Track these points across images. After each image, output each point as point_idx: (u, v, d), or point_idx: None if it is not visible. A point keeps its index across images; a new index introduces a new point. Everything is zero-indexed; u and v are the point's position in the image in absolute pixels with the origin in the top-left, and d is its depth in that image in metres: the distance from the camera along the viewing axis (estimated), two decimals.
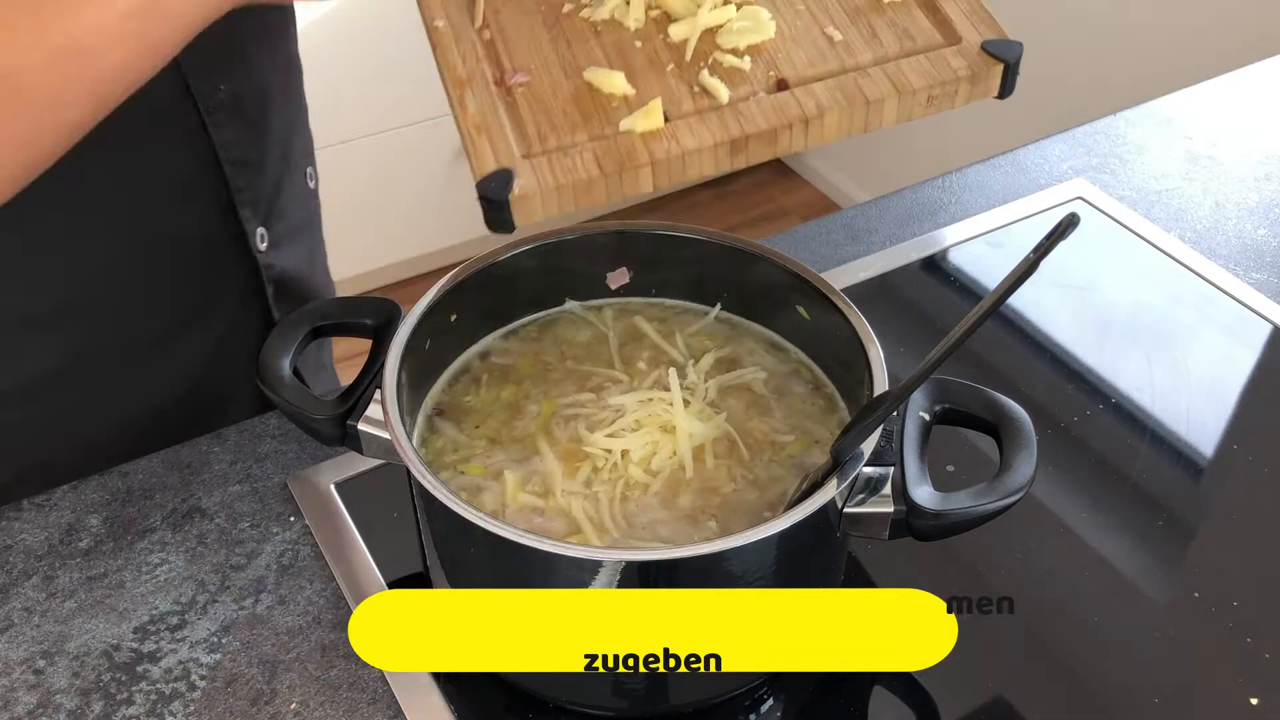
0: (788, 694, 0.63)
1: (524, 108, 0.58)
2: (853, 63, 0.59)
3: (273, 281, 0.81)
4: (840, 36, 0.60)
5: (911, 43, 0.60)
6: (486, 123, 0.57)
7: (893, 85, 0.58)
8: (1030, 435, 0.57)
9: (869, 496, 0.56)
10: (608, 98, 0.58)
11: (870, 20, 0.61)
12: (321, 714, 0.61)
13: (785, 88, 0.58)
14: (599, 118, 0.57)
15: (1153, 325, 0.85)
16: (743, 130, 0.56)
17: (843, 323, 0.63)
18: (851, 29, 0.61)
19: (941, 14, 0.61)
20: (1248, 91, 1.10)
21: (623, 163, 0.55)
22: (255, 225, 0.78)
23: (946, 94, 0.59)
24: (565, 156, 0.55)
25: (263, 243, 0.79)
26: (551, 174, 0.55)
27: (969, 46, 0.59)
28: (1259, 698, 0.61)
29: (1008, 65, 0.59)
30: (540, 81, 0.59)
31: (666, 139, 0.56)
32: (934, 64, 0.59)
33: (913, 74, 0.58)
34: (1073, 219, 0.44)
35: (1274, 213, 0.95)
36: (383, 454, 0.60)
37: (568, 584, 0.54)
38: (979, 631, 0.65)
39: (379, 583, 0.67)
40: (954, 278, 0.90)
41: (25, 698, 0.62)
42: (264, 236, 0.79)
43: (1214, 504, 0.73)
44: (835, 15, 0.61)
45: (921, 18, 0.61)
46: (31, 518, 0.71)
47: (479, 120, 0.57)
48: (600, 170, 0.55)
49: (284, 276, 0.82)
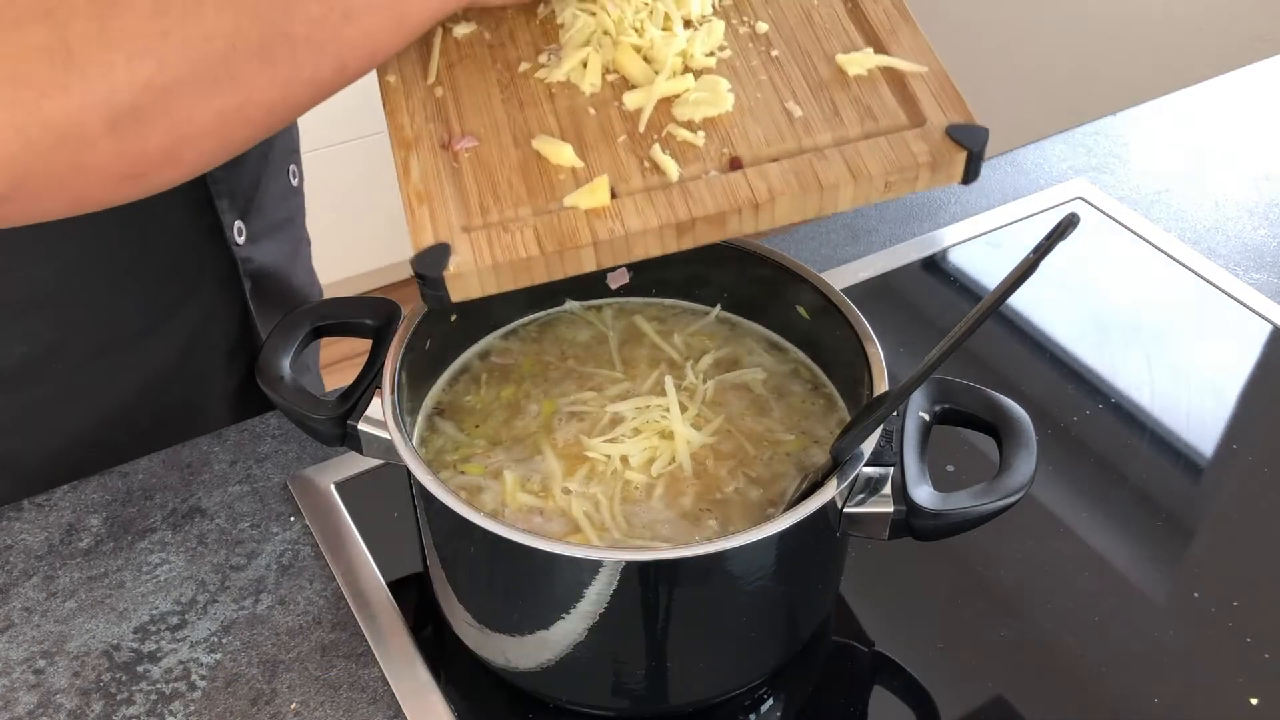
0: (788, 694, 0.63)
1: (469, 175, 0.56)
2: (810, 143, 0.57)
3: (250, 276, 0.81)
4: (800, 113, 0.58)
5: (874, 123, 0.57)
6: (429, 191, 0.56)
7: (849, 170, 0.56)
8: (1030, 435, 0.57)
9: (869, 496, 0.56)
10: (555, 168, 0.56)
11: (833, 96, 0.59)
12: (321, 714, 0.61)
13: (738, 166, 0.56)
14: (544, 191, 0.56)
15: (1153, 325, 0.85)
16: (690, 213, 0.54)
17: (843, 323, 0.63)
18: (813, 104, 0.58)
19: (909, 91, 0.59)
20: (1248, 91, 1.10)
21: (564, 242, 0.54)
22: (233, 219, 0.77)
23: (906, 180, 0.56)
24: (506, 232, 0.54)
25: (240, 236, 0.78)
26: (490, 251, 0.53)
27: (933, 130, 0.57)
28: (1259, 698, 0.62)
29: (971, 153, 0.56)
30: (488, 147, 0.58)
31: (611, 219, 0.54)
32: (894, 148, 0.56)
33: (871, 159, 0.56)
34: (1072, 219, 0.44)
35: (1274, 213, 0.95)
36: (383, 454, 0.60)
37: (568, 584, 0.54)
38: (979, 631, 0.65)
39: (379, 583, 0.67)
40: (954, 278, 0.90)
41: (25, 698, 0.62)
42: (241, 230, 0.78)
43: (1214, 504, 0.73)
44: (798, 88, 0.59)
45: (888, 95, 0.59)
46: (31, 518, 0.71)
47: (421, 189, 0.56)
48: (540, 250, 0.53)
49: (262, 271, 0.82)
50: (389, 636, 0.64)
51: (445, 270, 0.53)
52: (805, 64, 0.60)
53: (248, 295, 0.81)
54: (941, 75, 0.59)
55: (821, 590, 0.62)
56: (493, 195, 0.56)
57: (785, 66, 0.60)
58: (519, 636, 0.59)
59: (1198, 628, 0.65)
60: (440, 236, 0.54)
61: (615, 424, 0.62)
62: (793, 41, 0.61)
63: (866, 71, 0.59)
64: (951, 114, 0.58)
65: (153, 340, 0.77)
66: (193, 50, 0.45)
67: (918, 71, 0.59)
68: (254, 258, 0.80)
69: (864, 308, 0.63)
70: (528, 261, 0.54)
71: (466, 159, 0.57)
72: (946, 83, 0.59)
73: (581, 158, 0.57)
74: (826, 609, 0.65)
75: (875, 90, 0.59)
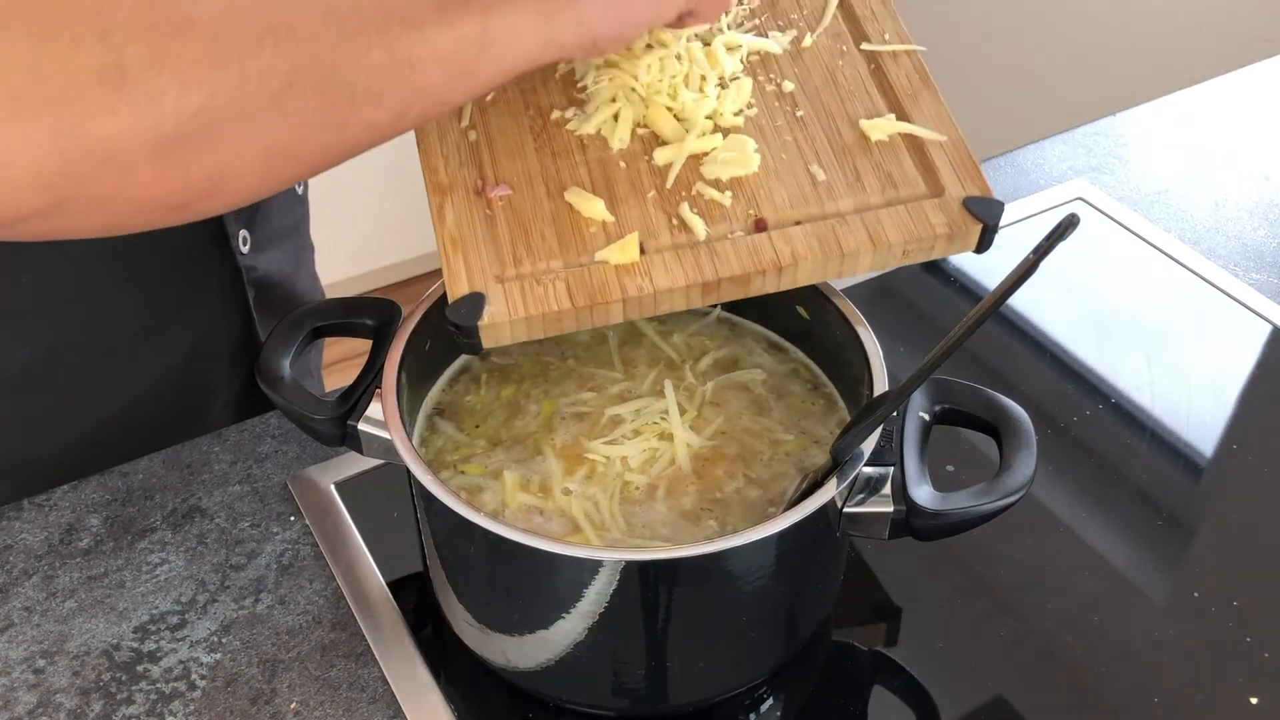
0: (788, 694, 0.63)
1: (502, 224, 0.58)
2: (833, 208, 0.58)
3: (254, 284, 0.81)
4: (824, 177, 0.59)
5: (894, 191, 0.59)
6: (463, 238, 0.57)
7: (869, 238, 0.57)
8: (1030, 435, 0.57)
9: (869, 496, 0.56)
10: (587, 221, 0.58)
11: (856, 160, 0.60)
12: (321, 714, 0.61)
13: (763, 228, 0.58)
14: (576, 244, 0.57)
15: (1153, 325, 0.86)
16: (716, 274, 0.56)
17: (843, 323, 0.63)
18: (836, 168, 0.60)
19: (928, 159, 0.60)
20: (1248, 91, 1.10)
21: (594, 297, 0.55)
22: (237, 228, 0.77)
23: (922, 249, 0.58)
24: (538, 284, 0.55)
25: (245, 245, 0.78)
26: (523, 303, 0.55)
27: (950, 201, 0.58)
28: (1259, 698, 0.62)
29: (986, 226, 0.58)
30: (521, 196, 0.59)
31: (640, 275, 0.56)
32: (913, 217, 0.58)
33: (891, 227, 0.57)
34: (1072, 219, 0.44)
35: (1274, 213, 0.95)
36: (383, 454, 0.60)
37: (568, 584, 0.54)
38: (979, 631, 0.65)
39: (379, 583, 0.67)
40: (954, 278, 0.90)
41: (25, 697, 0.62)
42: (246, 239, 0.78)
43: (1214, 504, 0.73)
44: (822, 151, 0.60)
45: (908, 162, 0.60)
46: (31, 518, 0.71)
47: (455, 234, 0.57)
48: (571, 304, 0.55)
49: (266, 280, 0.82)
50: (389, 636, 0.64)
51: (480, 321, 0.54)
52: (829, 126, 0.62)
53: (251, 303, 0.81)
54: (960, 144, 0.61)
55: (821, 590, 0.62)
56: (525, 246, 0.57)
57: (809, 127, 0.62)
58: (519, 636, 0.59)
59: (1198, 628, 0.65)
60: (475, 285, 0.55)
61: (615, 425, 0.62)
62: (817, 101, 0.63)
63: (888, 137, 0.61)
64: (969, 185, 0.59)
65: (155, 347, 0.77)
66: (248, 86, 0.44)
67: (938, 140, 0.60)
68: (258, 266, 0.80)
69: (864, 308, 0.63)
70: (559, 314, 0.55)
71: (500, 207, 0.59)
72: (964, 152, 0.60)
73: (612, 212, 0.58)
74: (826, 609, 0.65)
75: (896, 157, 0.60)
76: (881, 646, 0.65)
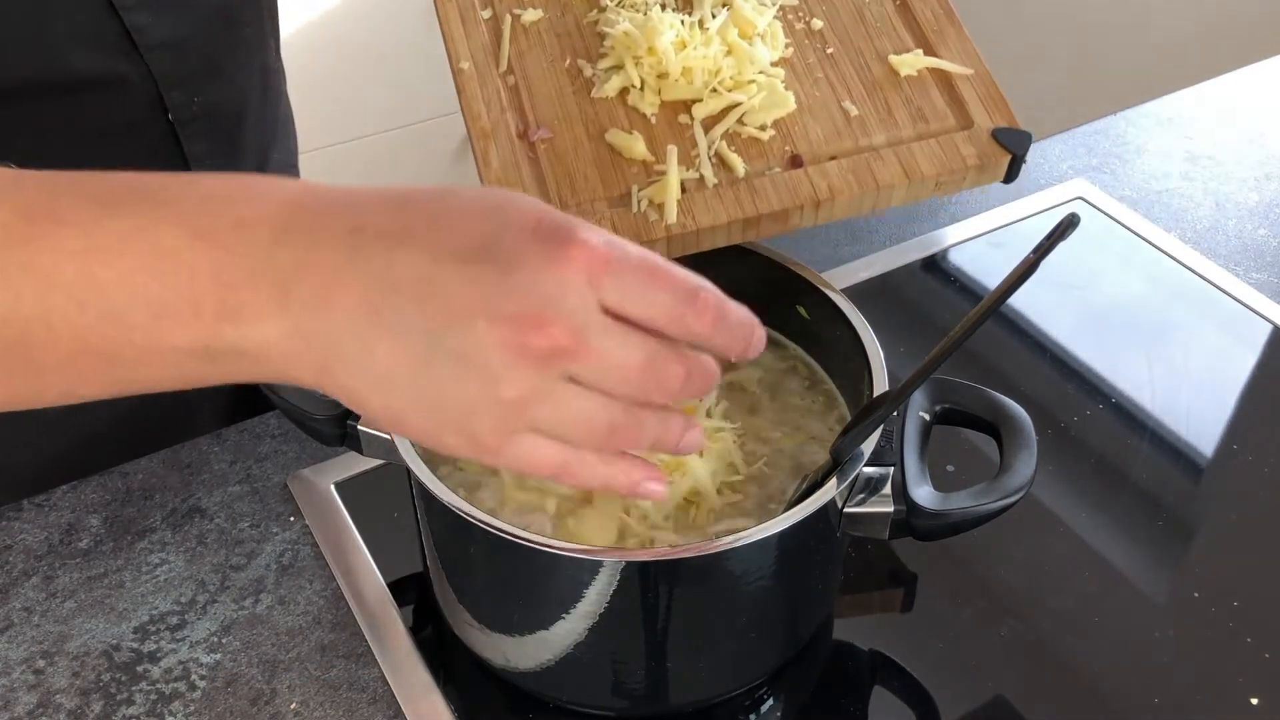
0: (788, 694, 0.63)
1: (546, 165, 0.58)
2: (866, 142, 0.60)
3: None
4: (856, 112, 0.61)
5: (925, 124, 0.60)
6: (509, 180, 0.58)
7: (903, 170, 0.58)
8: (1030, 435, 0.57)
9: (869, 496, 0.56)
10: (628, 162, 0.58)
11: (887, 96, 0.61)
12: (321, 714, 0.61)
13: (799, 164, 0.59)
14: (618, 183, 0.58)
15: (1153, 325, 0.85)
16: (756, 210, 0.57)
17: (843, 322, 0.63)
18: (867, 103, 0.61)
19: (957, 93, 0.61)
20: (1248, 91, 1.10)
21: (639, 235, 0.56)
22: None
23: (954, 180, 0.60)
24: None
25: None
26: None
27: (980, 133, 0.60)
28: (1259, 698, 0.61)
29: (1015, 156, 0.60)
30: (562, 138, 0.60)
31: (683, 214, 0.57)
32: (944, 149, 0.59)
33: (924, 160, 0.59)
34: (1073, 219, 0.44)
35: (1274, 213, 0.95)
36: (383, 454, 0.60)
37: (568, 584, 0.54)
38: (979, 631, 0.65)
39: (379, 583, 0.67)
40: (954, 278, 0.90)
41: (25, 697, 0.62)
42: None
43: (1214, 504, 0.73)
44: (853, 87, 0.62)
45: (937, 96, 0.61)
46: (31, 518, 0.71)
47: (501, 176, 0.58)
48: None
49: None
50: (389, 636, 0.64)
51: None
52: (859, 62, 0.63)
53: None
54: (987, 78, 0.62)
55: (821, 590, 0.62)
56: (569, 186, 0.58)
57: (840, 65, 0.63)
58: (519, 636, 0.59)
59: (1198, 628, 0.65)
60: None
61: None
62: (846, 39, 0.64)
63: (917, 72, 0.62)
64: (997, 117, 0.60)
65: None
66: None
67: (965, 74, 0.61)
68: None
69: (864, 308, 0.63)
70: None
71: (543, 150, 0.59)
72: (991, 85, 0.62)
73: (652, 151, 0.58)
74: (826, 609, 0.65)
75: (925, 91, 0.62)
76: (881, 646, 0.65)
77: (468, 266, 0.39)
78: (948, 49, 0.63)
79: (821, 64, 0.63)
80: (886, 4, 0.65)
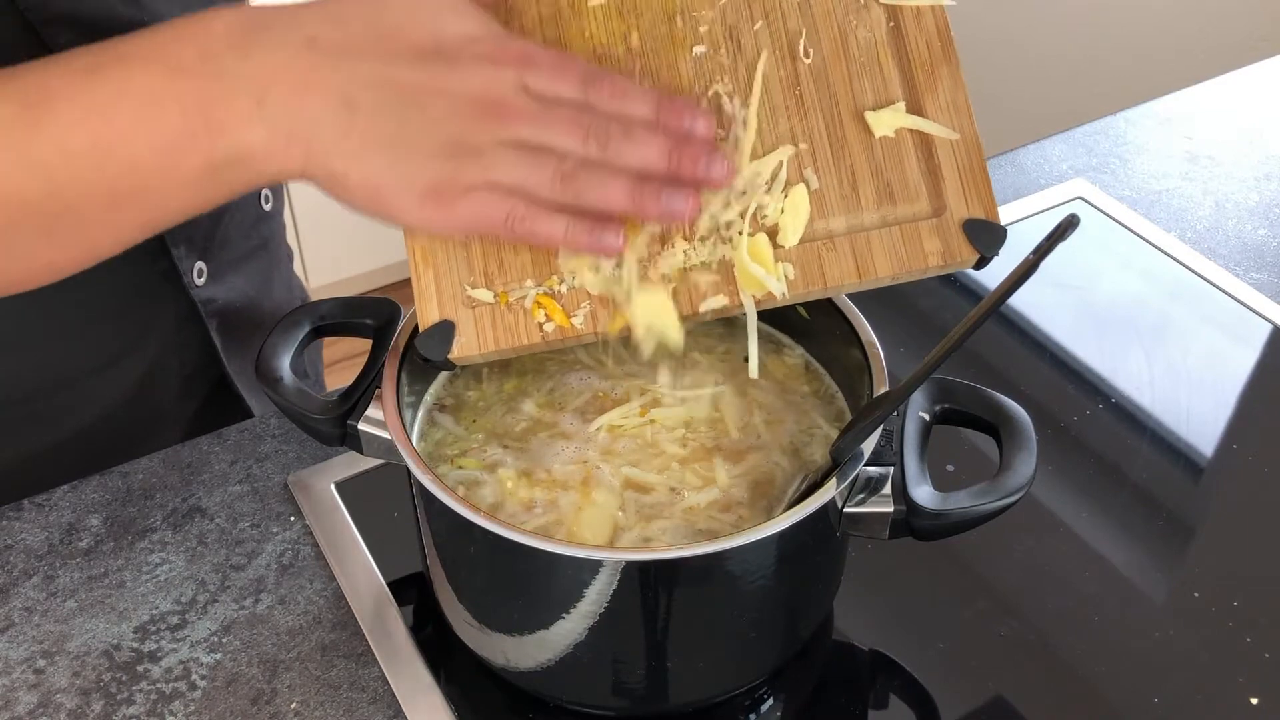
0: (788, 694, 0.63)
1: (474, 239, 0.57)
2: (823, 226, 0.55)
3: (215, 315, 0.77)
4: (816, 184, 0.56)
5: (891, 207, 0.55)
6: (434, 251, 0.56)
7: (856, 268, 0.55)
8: (1030, 435, 0.57)
9: (869, 496, 0.56)
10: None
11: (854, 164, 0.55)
12: (321, 714, 0.61)
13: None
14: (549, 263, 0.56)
15: (1153, 325, 0.86)
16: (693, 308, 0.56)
17: (843, 322, 0.63)
18: (831, 173, 0.56)
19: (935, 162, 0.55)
20: (1248, 91, 1.10)
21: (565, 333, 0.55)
22: (191, 262, 0.74)
23: (912, 277, 0.56)
24: (509, 312, 0.55)
25: (200, 277, 0.75)
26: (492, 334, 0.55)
27: (949, 223, 0.55)
28: (1259, 698, 0.62)
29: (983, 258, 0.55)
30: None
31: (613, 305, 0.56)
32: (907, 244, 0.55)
33: (881, 256, 0.55)
34: (1072, 220, 0.44)
35: (1274, 213, 0.95)
36: (383, 454, 0.60)
37: (568, 583, 0.54)
38: (979, 631, 0.65)
39: (379, 583, 0.67)
40: (954, 278, 0.90)
41: (25, 697, 0.62)
42: (202, 271, 0.75)
43: (1214, 504, 0.73)
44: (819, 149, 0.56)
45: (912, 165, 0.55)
46: (31, 518, 0.71)
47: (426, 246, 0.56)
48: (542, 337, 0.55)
49: (228, 308, 0.78)
50: (389, 636, 0.64)
51: (450, 353, 0.55)
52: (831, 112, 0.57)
53: (212, 332, 0.78)
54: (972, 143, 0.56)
55: (821, 590, 0.62)
56: (497, 263, 0.56)
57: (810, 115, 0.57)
58: (519, 636, 0.59)
59: (1198, 628, 0.65)
60: (445, 311, 0.55)
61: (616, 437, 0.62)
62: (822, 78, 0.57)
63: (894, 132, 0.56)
64: (973, 203, 0.55)
65: (107, 377, 0.74)
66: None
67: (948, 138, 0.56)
68: (217, 297, 0.77)
69: (864, 308, 0.63)
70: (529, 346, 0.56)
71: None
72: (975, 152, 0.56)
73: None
74: (826, 609, 0.65)
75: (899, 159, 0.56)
76: (881, 646, 0.65)
77: (421, 64, 0.50)
78: (935, 97, 0.56)
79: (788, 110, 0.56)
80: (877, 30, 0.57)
